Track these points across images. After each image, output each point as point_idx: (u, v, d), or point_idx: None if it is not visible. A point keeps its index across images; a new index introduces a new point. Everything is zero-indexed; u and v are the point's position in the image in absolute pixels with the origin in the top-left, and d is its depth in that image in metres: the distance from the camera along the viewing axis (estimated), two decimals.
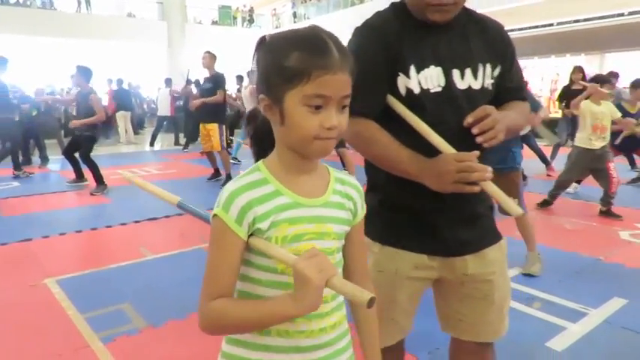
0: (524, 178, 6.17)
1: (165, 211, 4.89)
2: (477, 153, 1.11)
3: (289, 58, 0.79)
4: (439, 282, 1.35)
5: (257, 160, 0.93)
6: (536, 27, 12.83)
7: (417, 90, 1.18)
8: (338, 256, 0.93)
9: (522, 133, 3.31)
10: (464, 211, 1.25)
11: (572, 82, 7.14)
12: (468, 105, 1.17)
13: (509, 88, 1.30)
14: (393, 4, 1.26)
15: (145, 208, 5.06)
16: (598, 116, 4.53)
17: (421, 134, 1.15)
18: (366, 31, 1.20)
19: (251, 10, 21.74)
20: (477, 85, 1.21)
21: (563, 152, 6.03)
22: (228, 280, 0.84)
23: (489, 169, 1.10)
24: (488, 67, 1.23)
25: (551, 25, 12.67)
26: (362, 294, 0.75)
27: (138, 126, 14.25)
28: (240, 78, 10.70)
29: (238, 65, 11.01)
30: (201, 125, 6.33)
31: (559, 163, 6.22)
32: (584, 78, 6.87)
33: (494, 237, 1.34)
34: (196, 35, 17.59)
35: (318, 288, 0.75)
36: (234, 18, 21.30)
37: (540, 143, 7.08)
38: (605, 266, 3.38)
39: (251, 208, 0.83)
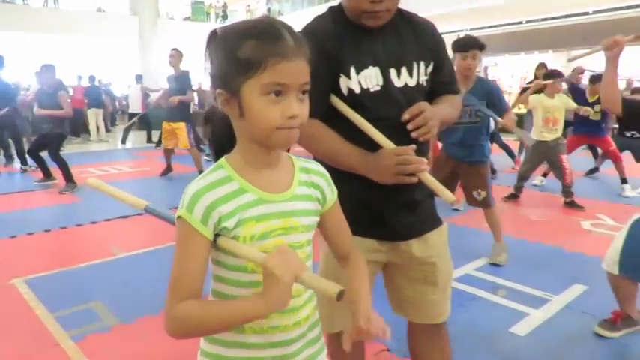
0: (494, 172, 6.34)
1: None
2: (413, 147, 1.20)
3: (243, 49, 0.78)
4: (387, 266, 1.45)
5: (216, 160, 0.91)
6: (506, 25, 13.12)
7: (357, 90, 1.26)
8: (308, 248, 0.93)
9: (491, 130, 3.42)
10: (404, 199, 1.34)
11: (536, 78, 7.34)
12: (406, 101, 1.27)
13: (442, 83, 1.41)
14: (331, 8, 1.33)
15: (116, 206, 4.95)
16: (549, 109, 4.72)
17: (363, 131, 1.24)
18: (306, 37, 1.25)
19: (224, 6, 21.50)
20: (412, 83, 1.30)
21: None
22: (195, 282, 0.81)
23: (425, 160, 1.20)
24: (422, 64, 1.32)
25: (520, 22, 12.98)
26: (331, 287, 0.75)
27: (110, 123, 13.99)
28: None
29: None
30: (165, 123, 6.35)
31: None
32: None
33: (436, 222, 1.44)
34: (168, 31, 17.28)
35: (286, 285, 0.75)
36: (208, 14, 21.05)
37: (506, 138, 7.28)
38: (567, 255, 3.52)
39: (215, 208, 0.81)
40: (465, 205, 4.43)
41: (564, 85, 5.72)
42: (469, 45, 3.08)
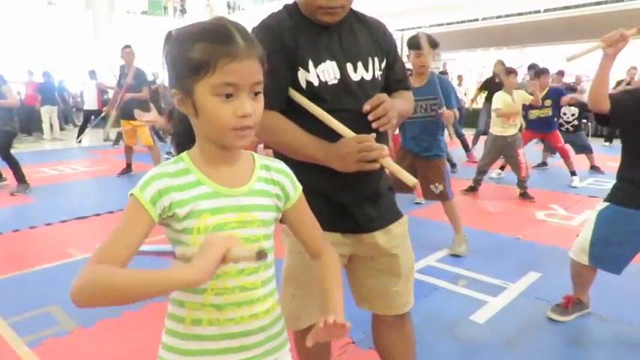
0: (454, 165, 6.52)
1: (95, 209, 4.69)
2: (374, 135, 1.23)
3: (194, 50, 0.80)
4: (351, 260, 1.48)
5: (177, 154, 0.93)
6: (463, 22, 13.46)
7: (316, 83, 1.29)
8: (266, 243, 0.94)
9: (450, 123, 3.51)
10: (366, 191, 1.38)
11: (495, 74, 7.55)
12: (363, 94, 1.31)
13: (395, 80, 1.47)
14: (285, 5, 1.35)
15: (72, 206, 4.83)
16: (510, 105, 4.89)
17: (323, 122, 1.26)
18: (263, 31, 1.29)
19: (183, 0, 21.02)
20: (368, 77, 1.35)
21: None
22: (123, 254, 0.79)
23: (386, 147, 1.24)
24: (377, 60, 1.37)
25: (477, 20, 13.35)
26: (252, 251, 0.74)
27: (64, 121, 13.47)
28: None
29: None
30: (123, 121, 6.22)
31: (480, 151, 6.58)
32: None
33: (397, 214, 1.48)
34: (124, 26, 16.76)
35: (216, 255, 0.73)
36: (165, 8, 20.53)
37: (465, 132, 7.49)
38: (523, 244, 3.67)
39: (168, 193, 0.84)
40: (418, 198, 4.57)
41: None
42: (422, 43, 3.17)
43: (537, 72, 5.73)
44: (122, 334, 2.34)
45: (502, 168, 6.12)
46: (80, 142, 10.38)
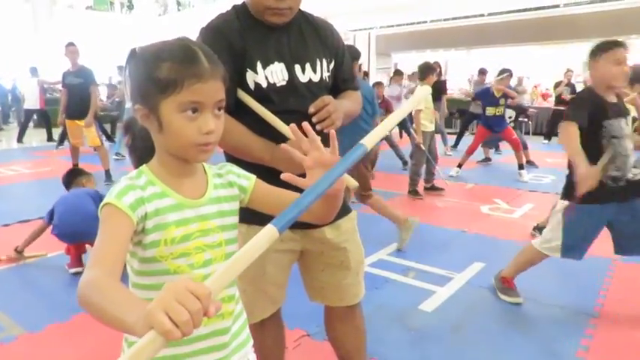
0: (405, 163, 6.73)
1: (40, 212, 4.47)
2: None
3: (161, 69, 0.82)
4: (303, 256, 1.52)
5: (136, 167, 0.94)
6: (412, 24, 13.84)
7: (264, 84, 1.32)
8: (229, 247, 0.96)
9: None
10: None
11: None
12: (310, 95, 1.35)
13: (343, 80, 1.51)
14: (234, 6, 1.38)
15: (15, 210, 4.61)
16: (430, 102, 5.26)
17: (270, 123, 1.29)
18: (210, 32, 1.31)
19: None
20: (316, 78, 1.39)
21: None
22: (115, 257, 0.78)
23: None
24: (324, 61, 1.42)
25: (425, 22, 13.77)
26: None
27: (2, 121, 12.75)
28: (121, 69, 10.05)
29: (117, 55, 10.29)
30: (68, 121, 5.97)
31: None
32: (440, 71, 8.01)
33: (346, 209, 1.53)
34: (68, 21, 16.02)
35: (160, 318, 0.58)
36: (112, 3, 19.78)
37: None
38: (468, 237, 3.87)
39: (144, 204, 0.85)
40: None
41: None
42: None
43: (501, 72, 6.22)
44: (72, 337, 2.29)
45: (460, 165, 6.32)
46: (21, 142, 9.87)
